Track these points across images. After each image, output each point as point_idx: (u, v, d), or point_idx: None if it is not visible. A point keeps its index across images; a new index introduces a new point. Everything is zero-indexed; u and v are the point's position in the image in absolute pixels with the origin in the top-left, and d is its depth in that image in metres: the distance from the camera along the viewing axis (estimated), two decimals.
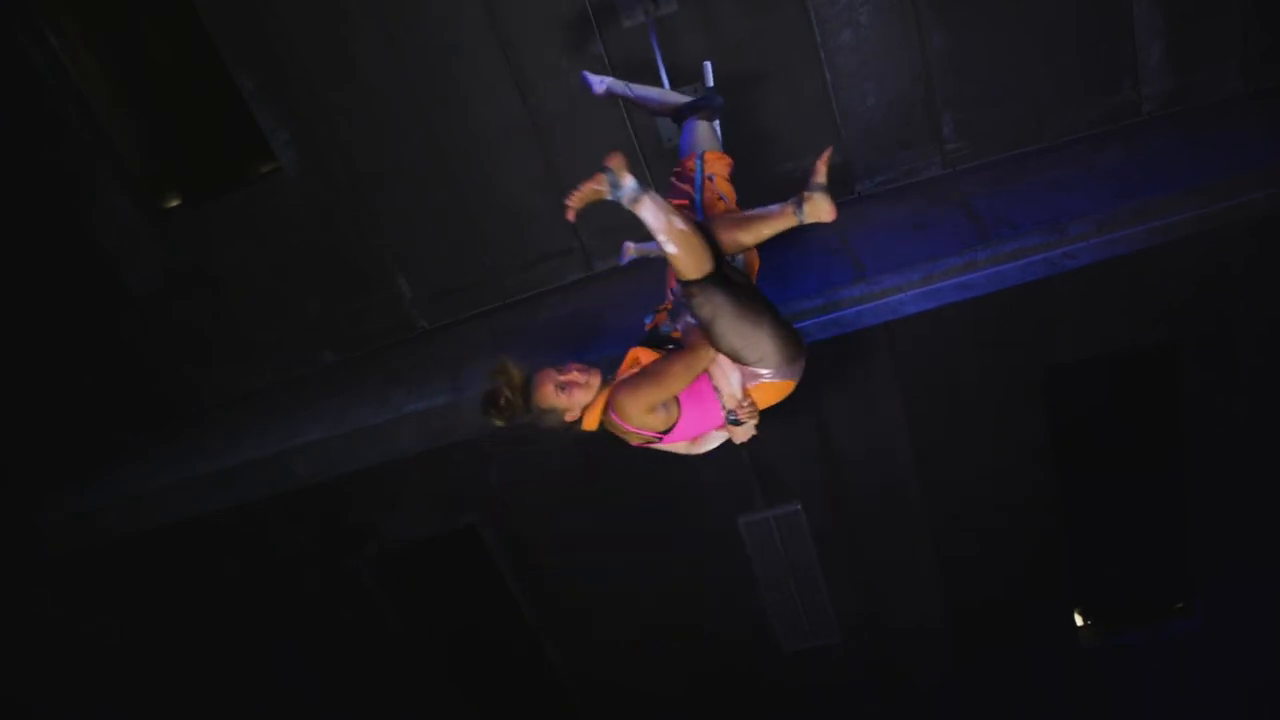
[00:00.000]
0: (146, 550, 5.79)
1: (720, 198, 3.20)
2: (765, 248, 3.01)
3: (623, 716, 6.93)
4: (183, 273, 5.53)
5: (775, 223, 2.77)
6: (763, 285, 3.07)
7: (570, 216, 2.74)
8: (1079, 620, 6.65)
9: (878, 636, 6.48)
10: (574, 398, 2.77)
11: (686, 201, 3.20)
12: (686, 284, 2.67)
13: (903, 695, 6.76)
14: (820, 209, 2.72)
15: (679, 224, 2.62)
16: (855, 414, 5.57)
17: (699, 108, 3.50)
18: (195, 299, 5.61)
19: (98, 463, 5.73)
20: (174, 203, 5.49)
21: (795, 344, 2.81)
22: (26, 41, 4.93)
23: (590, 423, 2.82)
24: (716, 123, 3.48)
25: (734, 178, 3.36)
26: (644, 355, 2.89)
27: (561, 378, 2.77)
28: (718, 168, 3.30)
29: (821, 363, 5.29)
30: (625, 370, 2.87)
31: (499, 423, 2.79)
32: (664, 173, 5.08)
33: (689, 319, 2.87)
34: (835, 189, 5.23)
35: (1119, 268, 4.77)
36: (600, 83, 3.81)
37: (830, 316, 4.72)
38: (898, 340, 5.25)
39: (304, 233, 5.41)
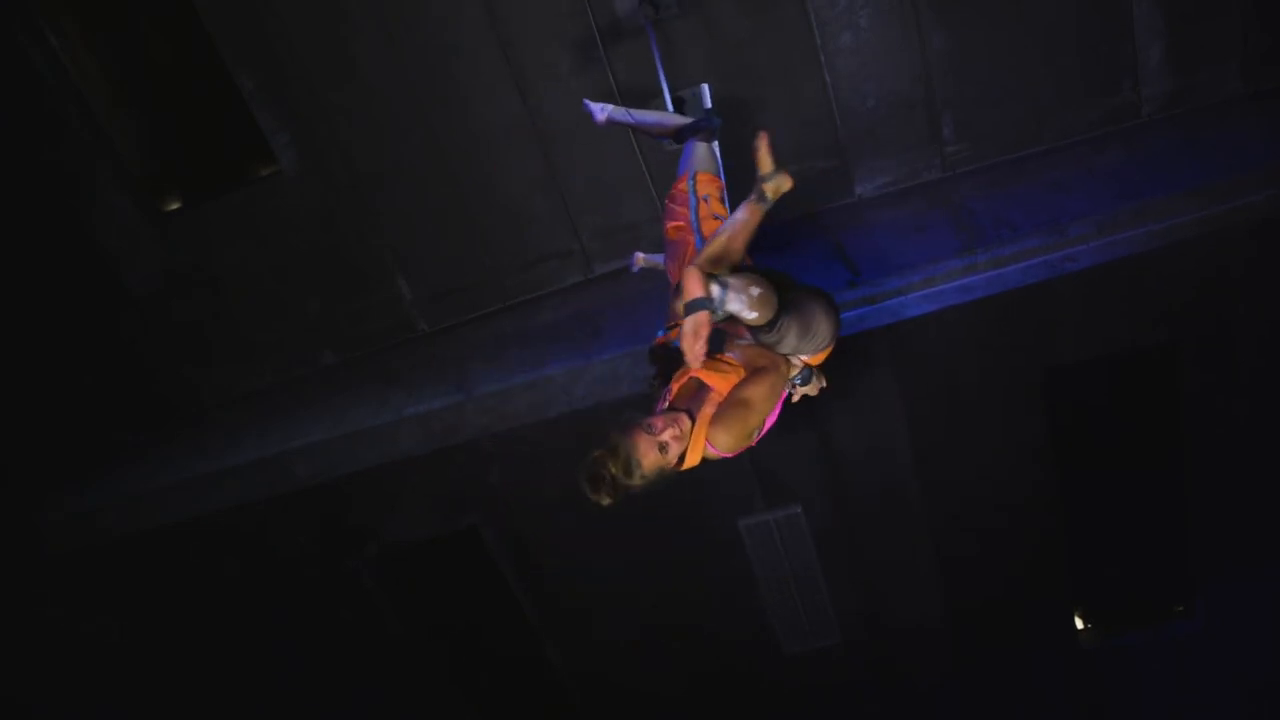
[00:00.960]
0: (146, 550, 5.79)
1: (714, 216, 3.21)
2: (765, 252, 3.02)
3: (623, 717, 6.93)
4: (183, 273, 5.53)
5: (752, 221, 2.76)
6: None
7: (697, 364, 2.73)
8: (1079, 621, 6.66)
9: (878, 636, 6.49)
10: (673, 450, 2.75)
11: (684, 222, 3.21)
12: (760, 329, 2.67)
13: (903, 695, 6.77)
14: (779, 188, 2.71)
15: (756, 291, 2.60)
16: (855, 415, 5.57)
17: (698, 129, 3.51)
18: (195, 299, 5.60)
19: (98, 463, 5.74)
20: (174, 203, 5.49)
21: (835, 310, 2.83)
22: (26, 41, 4.93)
23: (692, 462, 2.82)
24: (715, 144, 3.48)
25: (724, 199, 3.37)
26: (706, 377, 2.86)
27: (658, 438, 2.72)
28: (710, 189, 3.31)
29: (822, 364, 5.30)
30: (678, 395, 2.87)
31: (608, 502, 2.75)
32: (668, 173, 5.09)
33: (741, 341, 2.88)
34: (836, 190, 5.28)
35: (1119, 269, 4.77)
36: (601, 110, 3.82)
37: None
38: (898, 342, 5.25)
39: (304, 233, 5.41)
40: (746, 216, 2.74)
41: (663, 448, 2.71)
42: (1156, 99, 4.96)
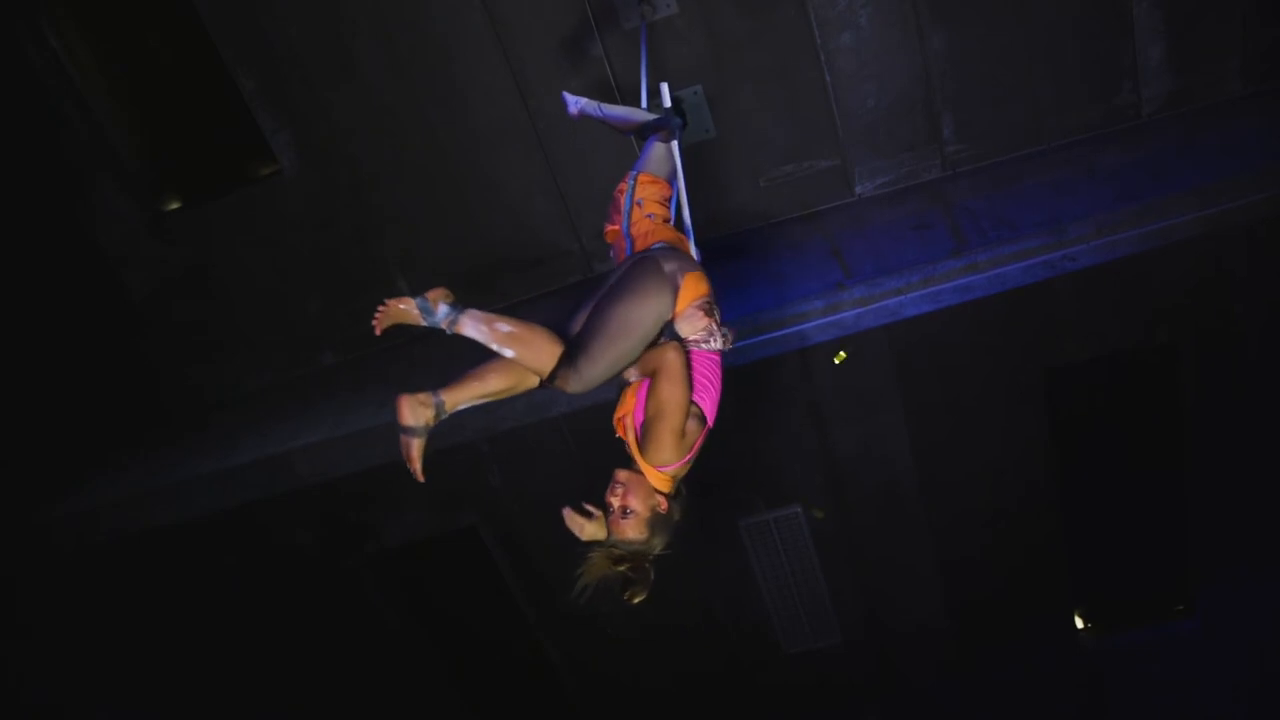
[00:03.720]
0: (146, 550, 5.79)
1: (648, 216, 3.15)
2: (765, 250, 3.01)
3: (622, 716, 6.94)
4: (183, 273, 5.53)
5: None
6: (763, 289, 3.07)
7: (378, 332, 2.72)
8: (1079, 621, 6.66)
9: (878, 636, 6.49)
10: (636, 503, 2.63)
11: (618, 226, 3.15)
12: (545, 382, 2.62)
13: (903, 695, 6.77)
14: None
15: (503, 328, 2.58)
16: (855, 415, 5.57)
17: (658, 127, 3.47)
18: (195, 299, 5.60)
19: (98, 463, 5.74)
20: (174, 203, 5.49)
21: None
22: (26, 41, 4.93)
23: (663, 487, 2.69)
24: (675, 144, 3.41)
25: (668, 201, 3.32)
26: (621, 409, 2.82)
27: (615, 516, 2.63)
28: (649, 191, 3.26)
29: (822, 365, 5.31)
30: (625, 429, 2.80)
31: (643, 596, 2.68)
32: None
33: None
34: (835, 190, 5.27)
35: (1119, 269, 4.77)
36: (575, 103, 3.79)
37: (831, 319, 4.73)
38: (898, 342, 5.25)
39: (304, 233, 5.41)
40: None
41: (625, 512, 2.62)
42: (1156, 99, 4.96)
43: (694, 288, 2.81)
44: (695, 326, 2.78)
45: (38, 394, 5.65)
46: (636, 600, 2.68)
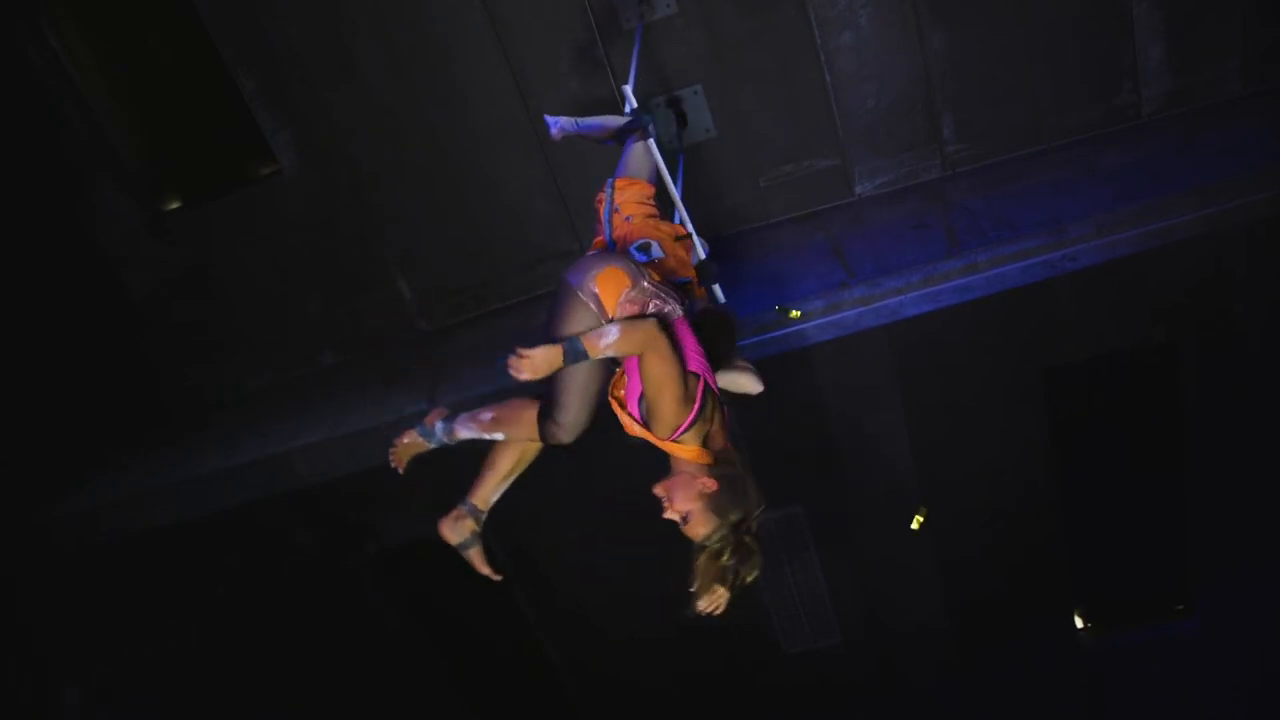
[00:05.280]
0: (146, 550, 5.79)
1: (626, 219, 3.15)
2: (765, 251, 3.01)
3: (622, 717, 6.94)
4: (183, 273, 5.52)
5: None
6: (764, 289, 3.07)
7: (400, 471, 3.06)
8: (1079, 621, 6.66)
9: (878, 636, 6.49)
10: (690, 494, 2.62)
11: (602, 237, 3.14)
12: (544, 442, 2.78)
13: (903, 695, 6.77)
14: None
15: (486, 416, 2.82)
16: (855, 415, 5.57)
17: (632, 129, 3.55)
18: (195, 299, 5.60)
19: (98, 463, 5.74)
20: (174, 203, 5.49)
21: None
22: (26, 41, 4.93)
23: (695, 455, 2.66)
24: (651, 142, 3.50)
25: (649, 199, 3.34)
26: (618, 399, 2.83)
27: (674, 506, 2.63)
28: (627, 194, 3.26)
29: (822, 365, 5.31)
30: (619, 407, 2.80)
31: (758, 569, 2.74)
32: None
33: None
34: (835, 190, 5.27)
35: (1119, 269, 4.77)
36: (555, 124, 3.85)
37: (831, 318, 4.73)
38: (898, 342, 5.25)
39: (304, 233, 5.41)
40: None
41: (684, 518, 2.62)
42: (1156, 99, 4.96)
43: (612, 286, 2.69)
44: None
45: (38, 394, 5.65)
46: (753, 578, 2.71)
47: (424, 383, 5.31)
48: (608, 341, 2.55)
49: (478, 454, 5.69)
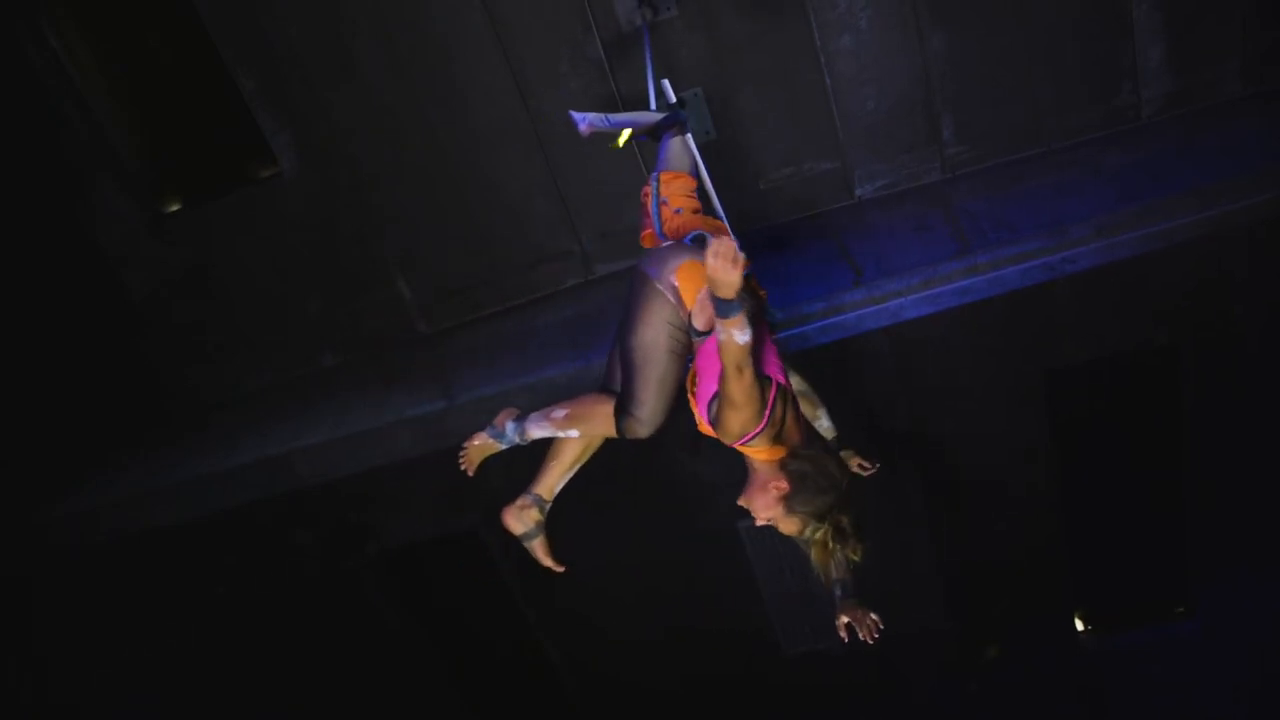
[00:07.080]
0: (146, 550, 5.79)
1: (676, 212, 3.17)
2: (764, 251, 3.01)
3: (623, 717, 6.94)
4: (183, 274, 5.52)
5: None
6: (766, 288, 3.05)
7: (470, 473, 3.05)
8: (1079, 621, 6.66)
9: (878, 637, 6.48)
10: (766, 500, 2.62)
11: (651, 230, 3.16)
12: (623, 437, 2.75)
13: (903, 696, 6.77)
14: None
15: (559, 414, 2.80)
16: (855, 417, 5.56)
17: (669, 124, 3.54)
18: (195, 300, 5.60)
19: (98, 463, 5.75)
20: (174, 204, 5.49)
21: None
22: (26, 41, 4.93)
23: (766, 455, 2.64)
24: (689, 136, 3.50)
25: (694, 194, 3.35)
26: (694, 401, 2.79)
27: (760, 522, 2.64)
28: (673, 188, 3.28)
29: (823, 366, 5.30)
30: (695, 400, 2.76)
31: (862, 547, 2.76)
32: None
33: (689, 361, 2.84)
34: (835, 192, 5.27)
35: (1119, 270, 4.77)
36: (583, 120, 3.80)
37: (831, 320, 4.73)
38: (898, 343, 5.25)
39: (304, 234, 5.41)
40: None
41: (770, 522, 2.64)
42: (1157, 100, 4.96)
43: (693, 279, 2.71)
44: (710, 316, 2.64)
45: (38, 394, 5.65)
46: (860, 554, 2.76)
47: (424, 383, 5.31)
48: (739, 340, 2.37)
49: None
